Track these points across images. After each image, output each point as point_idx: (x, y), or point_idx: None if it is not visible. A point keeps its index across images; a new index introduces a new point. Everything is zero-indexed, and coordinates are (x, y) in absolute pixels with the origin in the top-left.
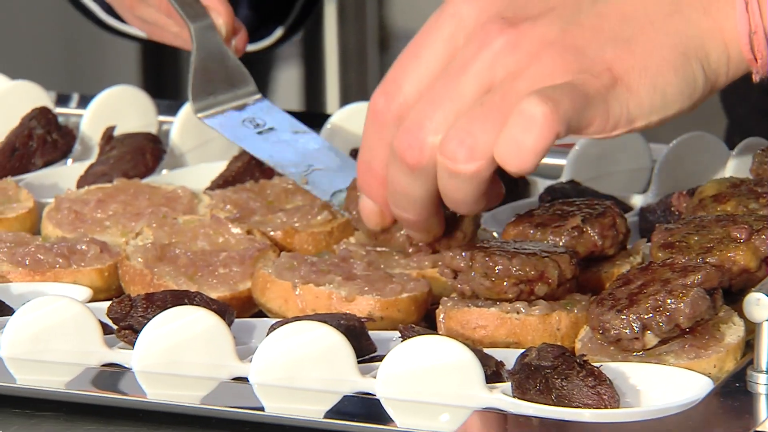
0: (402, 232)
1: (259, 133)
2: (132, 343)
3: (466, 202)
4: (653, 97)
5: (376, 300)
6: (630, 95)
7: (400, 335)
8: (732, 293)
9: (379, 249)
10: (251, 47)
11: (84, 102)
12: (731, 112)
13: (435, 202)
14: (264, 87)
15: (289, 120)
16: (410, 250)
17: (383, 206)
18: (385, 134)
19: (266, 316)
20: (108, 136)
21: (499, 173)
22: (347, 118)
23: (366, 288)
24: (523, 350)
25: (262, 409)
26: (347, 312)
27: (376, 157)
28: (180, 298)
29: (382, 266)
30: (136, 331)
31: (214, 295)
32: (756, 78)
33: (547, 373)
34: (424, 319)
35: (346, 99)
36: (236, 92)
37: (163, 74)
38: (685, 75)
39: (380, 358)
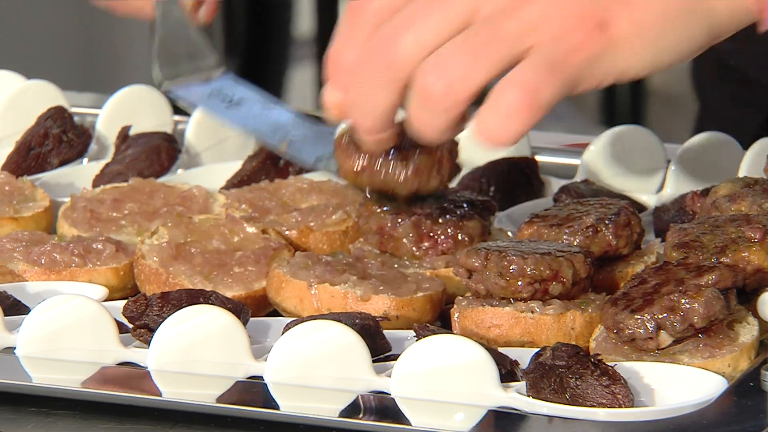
0: (408, 238)
1: (228, 106)
2: (147, 342)
3: (433, 133)
4: (648, 51)
5: (391, 299)
6: (623, 50)
7: (414, 334)
8: (746, 293)
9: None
10: None
11: (99, 101)
12: (703, 98)
13: (393, 115)
14: (278, 87)
15: (257, 93)
16: (417, 254)
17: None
18: (359, 31)
19: (281, 316)
20: (123, 136)
21: (510, 173)
22: None
23: (381, 287)
24: (537, 349)
25: (277, 408)
26: (362, 311)
27: (346, 52)
28: (195, 297)
29: (396, 265)
30: (152, 330)
31: (229, 294)
32: (762, 28)
33: (562, 372)
34: (438, 318)
35: None
36: (200, 65)
37: None
38: (686, 28)
39: (395, 357)
